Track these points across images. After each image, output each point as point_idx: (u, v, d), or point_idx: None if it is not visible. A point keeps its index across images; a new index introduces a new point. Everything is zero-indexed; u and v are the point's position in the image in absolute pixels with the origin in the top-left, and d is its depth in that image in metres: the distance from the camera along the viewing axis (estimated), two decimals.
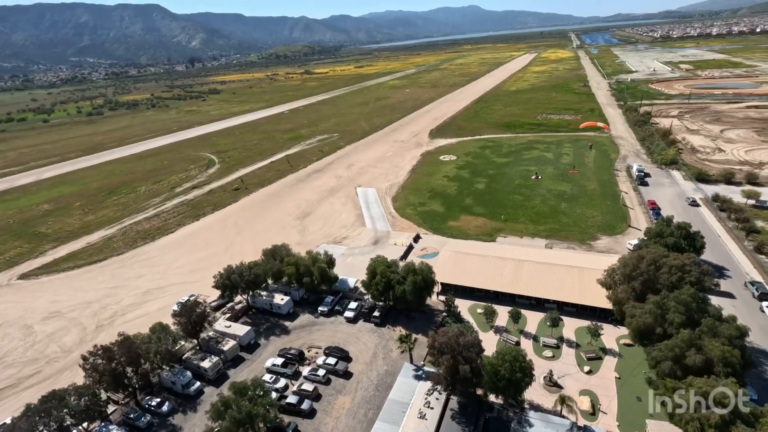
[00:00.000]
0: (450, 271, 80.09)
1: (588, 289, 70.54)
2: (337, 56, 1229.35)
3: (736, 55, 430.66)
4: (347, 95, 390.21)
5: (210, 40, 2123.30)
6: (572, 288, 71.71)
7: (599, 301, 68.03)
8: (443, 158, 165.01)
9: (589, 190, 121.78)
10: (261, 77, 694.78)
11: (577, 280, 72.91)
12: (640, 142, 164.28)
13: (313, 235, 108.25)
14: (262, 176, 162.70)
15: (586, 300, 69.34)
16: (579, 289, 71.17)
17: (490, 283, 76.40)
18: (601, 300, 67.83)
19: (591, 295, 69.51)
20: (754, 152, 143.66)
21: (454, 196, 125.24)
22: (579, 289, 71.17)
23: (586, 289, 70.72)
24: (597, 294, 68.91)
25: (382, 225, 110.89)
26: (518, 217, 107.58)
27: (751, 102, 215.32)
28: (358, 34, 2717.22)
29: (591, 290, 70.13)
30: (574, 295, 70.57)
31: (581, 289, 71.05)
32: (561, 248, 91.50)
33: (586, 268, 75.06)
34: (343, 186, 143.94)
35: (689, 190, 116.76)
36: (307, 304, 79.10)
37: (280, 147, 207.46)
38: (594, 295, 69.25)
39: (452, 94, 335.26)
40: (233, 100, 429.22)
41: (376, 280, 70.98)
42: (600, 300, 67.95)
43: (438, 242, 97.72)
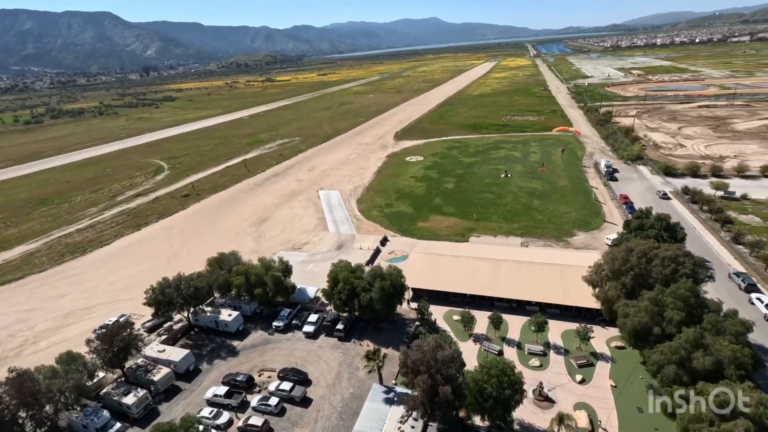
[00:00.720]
0: (421, 274, 72.22)
1: (572, 288, 64.50)
2: (299, 65, 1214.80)
3: (680, 62, 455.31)
4: (310, 101, 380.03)
5: (166, 49, 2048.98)
6: (555, 288, 65.47)
7: (585, 301, 62.02)
8: (410, 159, 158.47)
9: (560, 186, 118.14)
10: (220, 85, 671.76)
11: (560, 278, 66.83)
12: (604, 140, 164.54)
13: (270, 242, 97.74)
14: (215, 182, 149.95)
15: (571, 300, 63.19)
16: (562, 289, 65.02)
17: (465, 286, 69.04)
18: (587, 299, 61.84)
19: (576, 295, 63.45)
20: (713, 147, 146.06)
21: (422, 197, 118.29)
22: (562, 289, 65.02)
23: (570, 288, 64.66)
24: (582, 293, 62.93)
25: (347, 228, 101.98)
26: (491, 216, 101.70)
27: (701, 102, 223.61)
28: (321, 44, 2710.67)
29: (575, 289, 64.12)
30: (558, 296, 64.29)
31: (565, 289, 64.92)
32: (538, 246, 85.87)
33: (567, 265, 69.27)
34: (305, 189, 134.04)
35: (658, 183, 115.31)
36: (261, 319, 68.73)
37: (237, 152, 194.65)
38: (579, 294, 63.24)
39: (416, 99, 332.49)
40: (189, 107, 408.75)
41: (338, 288, 61.91)
42: (586, 299, 61.95)
43: (407, 244, 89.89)
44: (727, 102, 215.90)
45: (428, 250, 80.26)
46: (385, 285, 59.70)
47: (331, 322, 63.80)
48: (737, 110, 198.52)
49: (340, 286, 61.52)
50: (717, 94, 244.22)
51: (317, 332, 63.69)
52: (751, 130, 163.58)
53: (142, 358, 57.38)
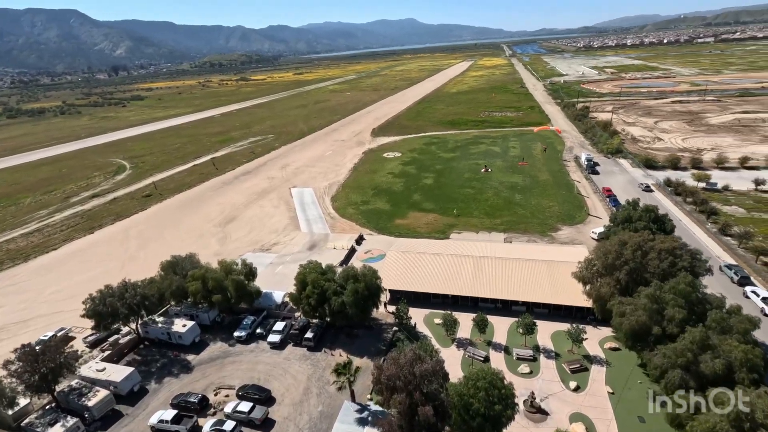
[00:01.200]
0: (399, 275, 66.47)
1: (560, 286, 59.93)
2: (276, 65, 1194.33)
3: (650, 61, 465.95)
4: (285, 99, 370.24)
5: (137, 49, 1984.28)
6: (542, 286, 60.78)
7: (575, 299, 57.49)
8: (387, 155, 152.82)
9: (541, 180, 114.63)
10: (192, 84, 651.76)
11: (547, 276, 62.21)
12: (583, 134, 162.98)
13: (237, 243, 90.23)
14: (181, 181, 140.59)
15: (560, 299, 58.58)
16: (550, 287, 60.37)
17: (447, 286, 63.66)
18: (576, 297, 57.32)
19: (565, 293, 58.88)
20: (690, 140, 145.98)
21: (400, 193, 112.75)
22: (550, 287, 60.37)
23: (559, 286, 60.08)
24: (571, 290, 58.40)
25: (320, 227, 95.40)
26: (472, 211, 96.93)
27: (674, 98, 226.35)
28: (298, 45, 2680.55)
29: (564, 286, 59.56)
30: (546, 294, 59.60)
31: (553, 287, 60.30)
32: (521, 241, 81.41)
33: (554, 261, 64.76)
34: (276, 187, 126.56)
35: (639, 176, 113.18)
36: (221, 328, 61.55)
37: (206, 150, 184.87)
38: (568, 292, 58.69)
39: (394, 96, 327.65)
40: (158, 105, 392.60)
41: (307, 292, 55.46)
42: (576, 297, 57.43)
43: (385, 243, 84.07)
44: (699, 98, 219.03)
45: (406, 248, 74.62)
46: (358, 287, 53.62)
47: (299, 330, 57.26)
48: (709, 105, 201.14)
49: (309, 290, 55.11)
50: (689, 90, 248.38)
51: (284, 342, 57.03)
52: (725, 124, 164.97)
53: (77, 380, 49.55)
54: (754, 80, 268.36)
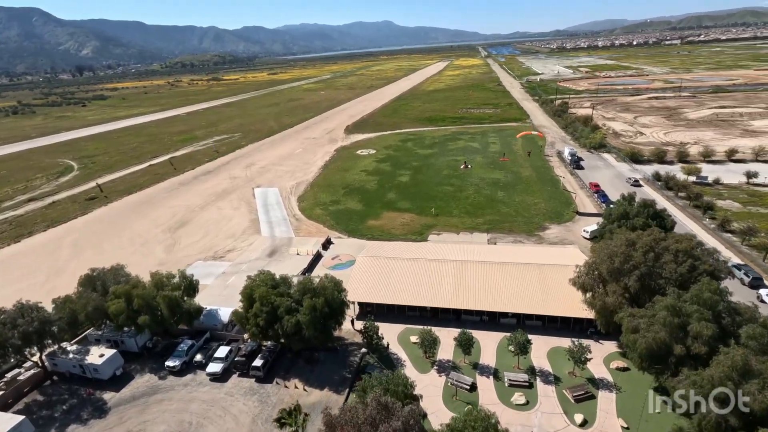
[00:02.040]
0: (370, 285, 57.00)
1: (555, 294, 51.75)
2: (250, 65, 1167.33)
3: (622, 60, 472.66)
4: (257, 98, 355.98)
5: (105, 49, 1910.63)
6: (534, 294, 52.45)
7: (573, 309, 49.37)
8: (361, 152, 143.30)
9: (524, 176, 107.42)
10: (161, 84, 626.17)
11: (538, 282, 53.95)
12: (564, 129, 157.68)
13: (186, 251, 78.88)
14: (133, 182, 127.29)
15: (556, 309, 50.35)
16: (543, 295, 52.11)
17: (425, 297, 54.59)
18: (574, 307, 49.21)
19: (560, 302, 50.71)
20: (672, 134, 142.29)
21: (374, 191, 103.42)
22: (543, 295, 52.11)
23: (553, 294, 51.88)
24: (568, 299, 50.30)
25: (283, 230, 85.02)
26: (451, 210, 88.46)
27: (650, 94, 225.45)
28: (274, 46, 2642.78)
29: (559, 294, 51.42)
30: (539, 304, 51.28)
31: (546, 294, 52.05)
32: (507, 242, 73.31)
33: (546, 264, 56.59)
34: (238, 187, 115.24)
35: (626, 170, 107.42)
36: (154, 356, 50.65)
37: (166, 149, 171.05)
38: (564, 300, 50.55)
39: (370, 95, 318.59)
40: (121, 105, 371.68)
41: (254, 310, 45.32)
42: (573, 307, 49.31)
43: (355, 247, 74.52)
44: (675, 94, 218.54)
45: (379, 252, 65.19)
46: (317, 303, 43.85)
47: (246, 357, 47.03)
48: (685, 101, 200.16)
49: (257, 308, 44.98)
50: (663, 87, 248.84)
51: (227, 371, 46.72)
52: (704, 119, 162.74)
53: None
54: (724, 78, 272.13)
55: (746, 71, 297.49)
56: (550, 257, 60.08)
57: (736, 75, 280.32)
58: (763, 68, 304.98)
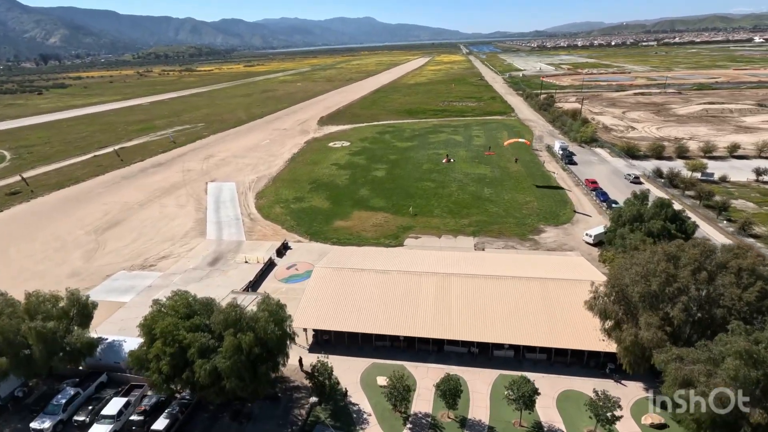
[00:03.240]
0: (329, 304, 44.55)
1: (563, 318, 40.53)
2: (227, 58, 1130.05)
3: (603, 59, 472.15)
4: (229, 89, 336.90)
5: (74, 38, 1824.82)
6: (538, 318, 41.09)
7: (588, 340, 38.19)
8: (333, 145, 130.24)
9: (512, 172, 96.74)
10: (129, 74, 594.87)
11: (542, 301, 42.65)
12: (551, 123, 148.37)
13: (109, 258, 64.60)
14: (69, 174, 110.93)
15: (567, 338, 39.04)
16: (548, 319, 40.80)
17: (398, 321, 42.48)
18: (589, 337, 38.05)
19: (571, 329, 39.47)
20: (665, 129, 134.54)
21: (344, 187, 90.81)
22: (548, 319, 40.80)
23: (561, 318, 40.64)
24: (580, 325, 39.15)
25: (233, 233, 71.57)
26: (432, 209, 76.74)
27: (636, 90, 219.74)
28: (253, 40, 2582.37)
29: (569, 318, 40.23)
30: (544, 332, 39.90)
31: (552, 319, 40.77)
32: (497, 248, 62.03)
33: (549, 279, 45.33)
34: (191, 181, 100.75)
35: (622, 166, 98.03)
36: (23, 410, 36.90)
37: (118, 139, 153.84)
38: (576, 327, 39.36)
39: (348, 87, 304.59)
40: (81, 94, 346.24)
41: (154, 350, 32.23)
42: (588, 337, 38.14)
43: (317, 253, 61.89)
44: (660, 90, 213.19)
45: (343, 261, 52.63)
46: (243, 341, 31.16)
47: (147, 413, 33.96)
48: (671, 97, 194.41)
49: (158, 347, 31.93)
50: (647, 84, 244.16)
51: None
52: (694, 114, 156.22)
53: None
54: (705, 76, 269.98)
55: (725, 71, 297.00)
56: (552, 268, 48.85)
57: (716, 74, 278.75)
58: (742, 68, 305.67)
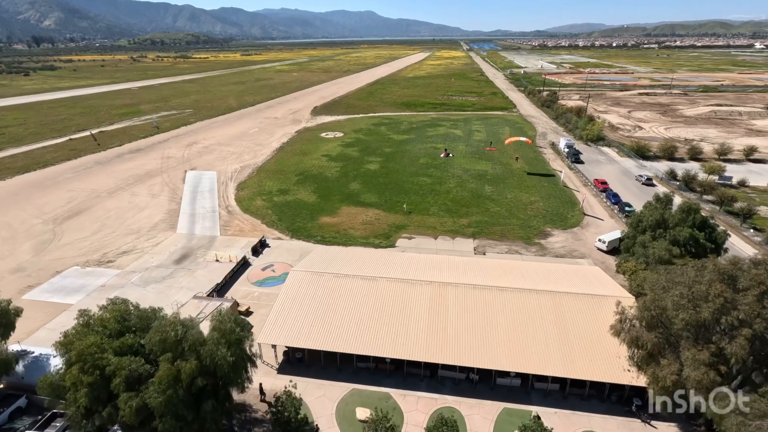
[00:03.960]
0: (303, 316, 37.79)
1: (580, 340, 34.11)
2: (225, 47, 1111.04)
3: (604, 59, 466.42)
4: (223, 76, 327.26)
5: (69, 21, 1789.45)
6: (549, 339, 34.63)
7: (610, 369, 31.80)
8: (326, 135, 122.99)
9: (515, 169, 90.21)
10: (123, 58, 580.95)
11: (554, 319, 36.18)
12: (555, 120, 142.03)
13: (63, 251, 57.35)
14: (39, 158, 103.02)
15: (586, 367, 32.60)
16: (562, 342, 34.35)
17: (385, 340, 35.84)
18: (611, 365, 31.69)
19: (590, 354, 33.06)
20: (673, 130, 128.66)
21: (334, 180, 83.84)
22: (562, 342, 34.35)
23: (577, 340, 34.21)
24: (599, 349, 32.81)
25: (207, 226, 64.51)
26: (428, 207, 70.07)
27: (639, 90, 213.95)
28: (252, 30, 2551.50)
29: (586, 341, 33.84)
30: (558, 358, 33.43)
31: (567, 341, 34.31)
32: (499, 252, 55.53)
33: (562, 292, 38.84)
34: (168, 169, 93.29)
35: (632, 167, 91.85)
36: None
37: (99, 123, 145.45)
38: (595, 352, 32.97)
39: (345, 78, 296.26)
40: (69, 76, 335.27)
41: (71, 375, 25.31)
42: (610, 365, 31.77)
43: (298, 252, 55.11)
44: (666, 91, 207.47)
45: (323, 264, 45.76)
46: (182, 370, 24.37)
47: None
48: (677, 98, 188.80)
49: (74, 373, 25.03)
50: (652, 84, 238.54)
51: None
52: (702, 116, 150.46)
53: None
54: (709, 78, 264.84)
55: (729, 74, 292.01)
56: (565, 279, 42.39)
57: (721, 77, 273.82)
58: (746, 72, 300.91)
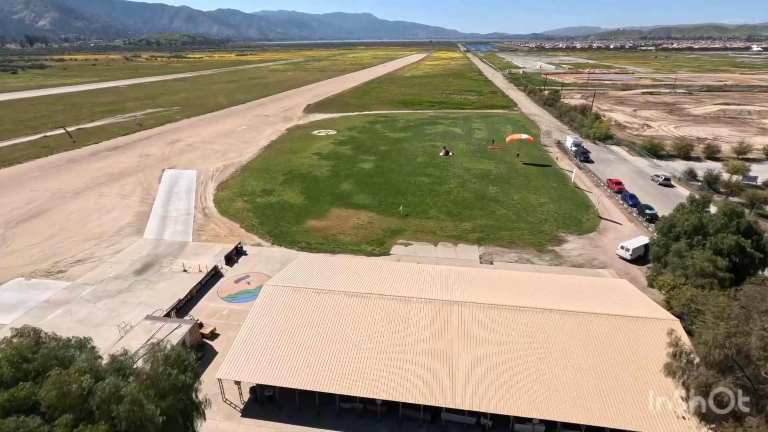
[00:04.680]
0: (275, 344, 30.74)
1: (619, 378, 27.30)
2: (221, 47, 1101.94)
3: (603, 60, 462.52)
4: (215, 75, 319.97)
5: (65, 21, 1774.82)
6: (580, 375, 27.79)
7: (660, 419, 24.99)
8: (318, 133, 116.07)
9: (520, 168, 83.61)
10: (116, 58, 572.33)
11: (586, 349, 29.35)
12: (558, 119, 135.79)
13: (10, 259, 50.03)
14: (6, 155, 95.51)
15: (628, 415, 25.74)
16: (597, 379, 27.52)
17: (374, 375, 28.86)
18: (663, 413, 24.88)
19: (634, 398, 26.25)
20: (684, 128, 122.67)
21: (324, 180, 76.89)
22: (597, 379, 27.52)
23: (614, 377, 27.40)
24: (646, 390, 26.00)
25: (178, 231, 57.37)
26: (427, 209, 63.25)
27: (643, 89, 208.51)
28: (249, 31, 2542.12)
29: (627, 379, 27.02)
30: (591, 401, 26.59)
31: (603, 379, 27.50)
32: (509, 261, 48.72)
33: (594, 313, 31.99)
34: (145, 168, 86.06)
35: (645, 166, 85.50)
36: None
37: (79, 120, 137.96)
38: (640, 394, 26.16)
39: (341, 77, 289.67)
40: (58, 74, 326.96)
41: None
42: (660, 413, 24.96)
43: (279, 260, 48.13)
44: (670, 90, 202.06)
45: (304, 276, 38.64)
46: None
47: None
48: (682, 98, 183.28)
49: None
50: (654, 84, 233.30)
51: None
52: (710, 115, 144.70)
53: None
54: (712, 79, 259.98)
55: (732, 74, 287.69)
56: (589, 294, 35.62)
57: (723, 77, 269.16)
58: (747, 73, 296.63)
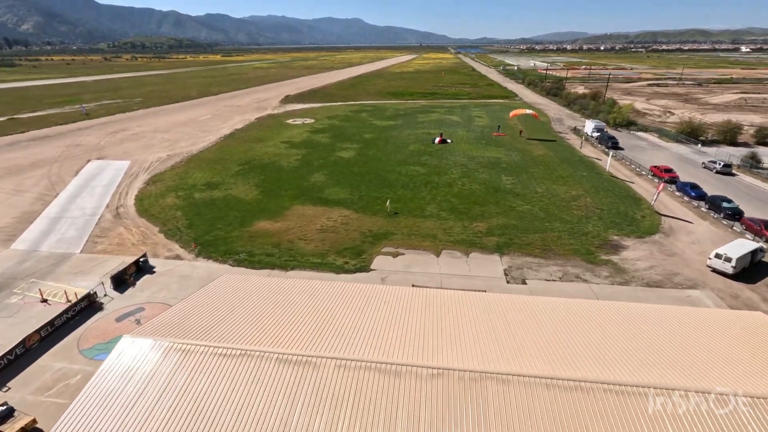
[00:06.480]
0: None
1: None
2: (209, 50, 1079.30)
3: (596, 60, 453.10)
4: (194, 72, 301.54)
5: (48, 25, 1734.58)
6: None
7: None
8: (292, 122, 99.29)
9: (537, 155, 67.66)
10: (94, 59, 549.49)
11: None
12: (567, 107, 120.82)
13: None
14: None
15: None
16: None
17: None
18: None
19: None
20: (710, 115, 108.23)
21: (290, 171, 60.03)
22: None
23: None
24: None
25: (67, 238, 39.99)
26: (423, 206, 46.68)
27: (648, 81, 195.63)
28: (238, 36, 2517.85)
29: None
30: None
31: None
32: (549, 280, 32.25)
33: (748, 397, 15.58)
34: (67, 159, 68.45)
35: (688, 152, 70.24)
36: None
37: (17, 111, 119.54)
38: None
39: (327, 74, 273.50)
40: (25, 72, 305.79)
41: None
42: None
43: (197, 281, 30.94)
44: (677, 82, 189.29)
45: (204, 321, 21.73)
46: None
47: None
48: (692, 89, 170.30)
49: None
50: (657, 77, 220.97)
51: None
52: (731, 103, 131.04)
53: None
54: (714, 74, 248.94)
55: (732, 70, 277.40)
56: (711, 343, 19.23)
57: (726, 72, 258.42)
58: (748, 68, 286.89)
